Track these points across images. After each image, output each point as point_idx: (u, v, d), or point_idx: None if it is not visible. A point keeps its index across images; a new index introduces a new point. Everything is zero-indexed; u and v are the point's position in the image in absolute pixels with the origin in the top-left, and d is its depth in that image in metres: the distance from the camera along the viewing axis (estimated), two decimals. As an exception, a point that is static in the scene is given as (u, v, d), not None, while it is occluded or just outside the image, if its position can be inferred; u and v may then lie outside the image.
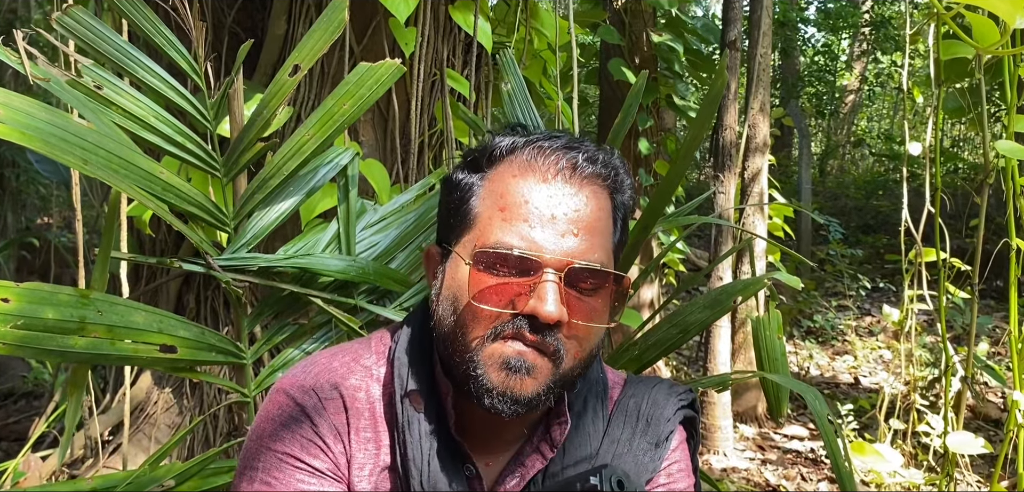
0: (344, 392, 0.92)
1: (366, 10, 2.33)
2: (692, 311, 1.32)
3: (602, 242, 0.88)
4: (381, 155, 2.46)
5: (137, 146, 1.19)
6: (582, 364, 0.89)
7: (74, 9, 1.19)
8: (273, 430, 0.90)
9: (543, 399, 0.86)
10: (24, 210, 7.96)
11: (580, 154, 0.89)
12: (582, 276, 0.85)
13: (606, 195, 0.91)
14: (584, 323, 0.86)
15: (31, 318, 1.00)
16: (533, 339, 0.85)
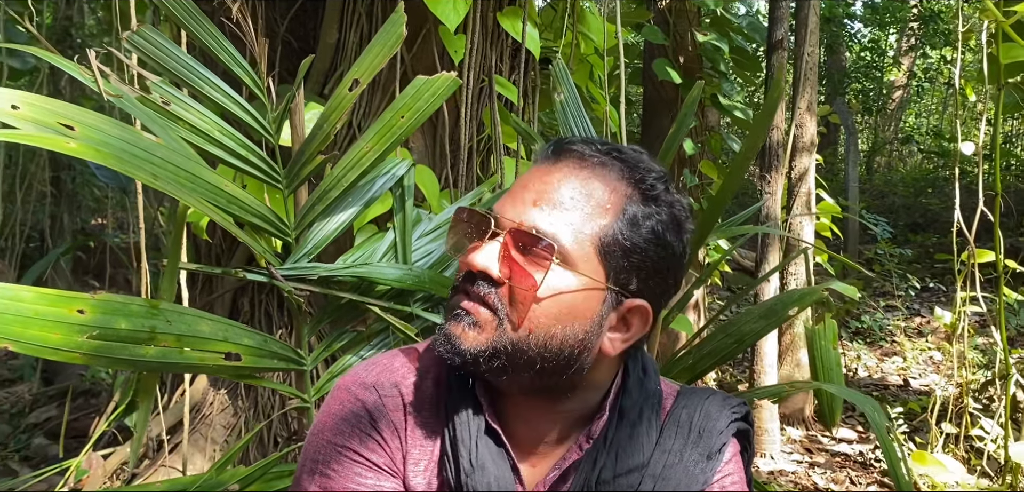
0: (403, 390, 0.96)
1: (416, 18, 2.36)
2: (746, 321, 1.32)
3: (570, 218, 0.88)
4: (431, 161, 2.49)
5: (202, 159, 1.23)
6: (536, 345, 0.88)
7: (143, 28, 1.23)
8: (334, 425, 0.94)
9: (483, 358, 0.88)
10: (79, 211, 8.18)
11: (581, 143, 0.93)
12: (522, 239, 0.87)
13: (600, 183, 0.91)
14: (519, 287, 0.87)
15: (105, 329, 1.04)
16: (472, 291, 0.88)
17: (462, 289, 0.90)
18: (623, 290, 0.90)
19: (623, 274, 0.90)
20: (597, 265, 0.89)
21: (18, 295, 0.97)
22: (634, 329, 0.93)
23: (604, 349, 0.92)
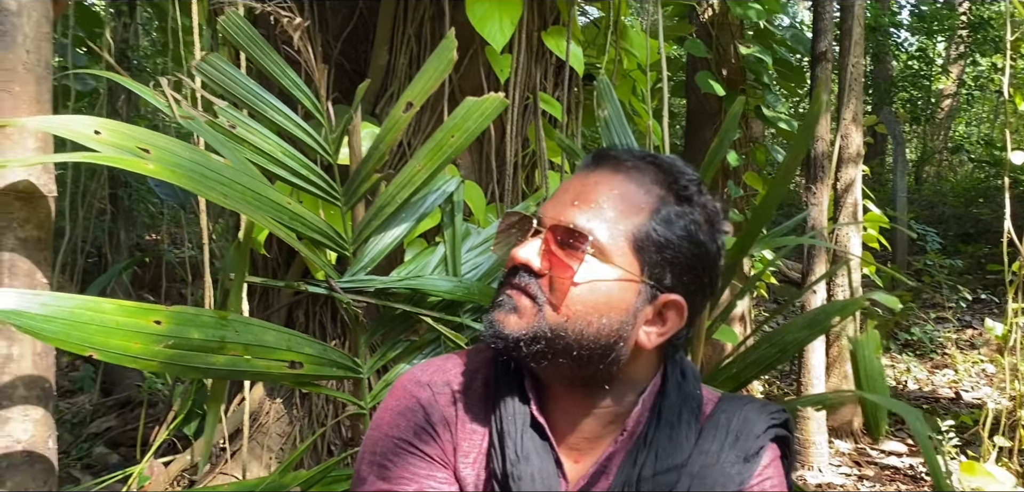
0: (454, 387, 1.03)
1: (463, 39, 2.41)
2: (790, 331, 1.35)
3: (602, 218, 0.95)
4: (477, 176, 2.55)
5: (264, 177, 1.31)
6: (573, 332, 0.94)
7: (210, 56, 1.31)
8: (391, 419, 1.01)
9: (524, 342, 0.94)
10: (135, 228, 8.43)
11: (622, 151, 1.01)
12: (561, 234, 0.94)
13: (636, 186, 0.97)
14: (558, 276, 0.94)
15: (180, 339, 1.11)
16: (514, 282, 0.96)
17: (506, 282, 0.98)
18: (658, 285, 0.96)
19: (657, 269, 0.96)
20: (632, 259, 0.95)
21: (100, 307, 1.05)
22: (670, 323, 0.98)
23: (640, 342, 0.97)
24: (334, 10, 2.61)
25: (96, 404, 4.97)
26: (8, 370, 1.04)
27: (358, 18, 2.58)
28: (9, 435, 1.05)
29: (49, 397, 1.09)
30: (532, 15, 2.53)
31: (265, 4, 1.27)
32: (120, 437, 4.62)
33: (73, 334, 1.00)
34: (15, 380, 1.04)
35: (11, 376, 1.04)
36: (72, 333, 1.00)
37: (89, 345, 1.02)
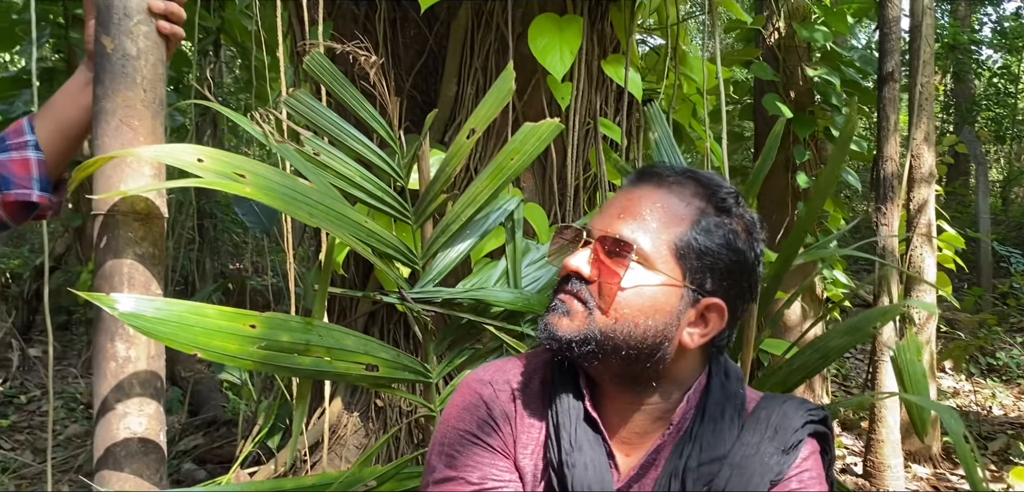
0: (513, 385, 1.14)
1: (526, 69, 2.56)
2: (832, 337, 1.42)
3: (646, 228, 1.05)
4: (540, 198, 2.67)
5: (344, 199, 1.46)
6: (623, 333, 1.04)
7: (297, 93, 1.47)
8: (457, 414, 1.13)
9: (575, 342, 1.04)
10: (220, 257, 8.84)
11: (664, 168, 1.10)
12: (608, 244, 1.04)
13: (677, 198, 1.07)
14: (607, 282, 1.04)
15: (271, 341, 1.26)
16: (567, 288, 1.06)
17: (559, 288, 1.08)
18: (699, 289, 1.05)
19: (698, 275, 1.05)
20: (674, 266, 1.04)
21: (204, 312, 1.20)
22: (712, 325, 1.07)
23: (684, 342, 1.06)
24: (406, 46, 2.78)
25: (184, 424, 5.25)
26: (126, 369, 1.20)
27: (428, 53, 2.75)
28: (128, 427, 1.20)
29: (160, 394, 1.24)
30: (592, 45, 2.65)
31: (345, 47, 1.42)
32: (206, 454, 4.87)
33: (181, 335, 1.16)
34: (132, 378, 1.20)
35: (129, 374, 1.20)
36: (181, 334, 1.15)
37: (195, 345, 1.17)
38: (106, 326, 1.18)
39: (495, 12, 2.58)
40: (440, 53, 2.72)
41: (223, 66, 9.02)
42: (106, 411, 1.18)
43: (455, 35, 2.61)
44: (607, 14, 2.69)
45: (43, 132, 1.30)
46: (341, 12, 2.79)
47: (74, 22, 6.31)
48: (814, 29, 5.00)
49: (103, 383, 1.18)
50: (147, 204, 1.20)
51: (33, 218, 1.34)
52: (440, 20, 2.70)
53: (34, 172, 1.29)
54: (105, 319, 1.17)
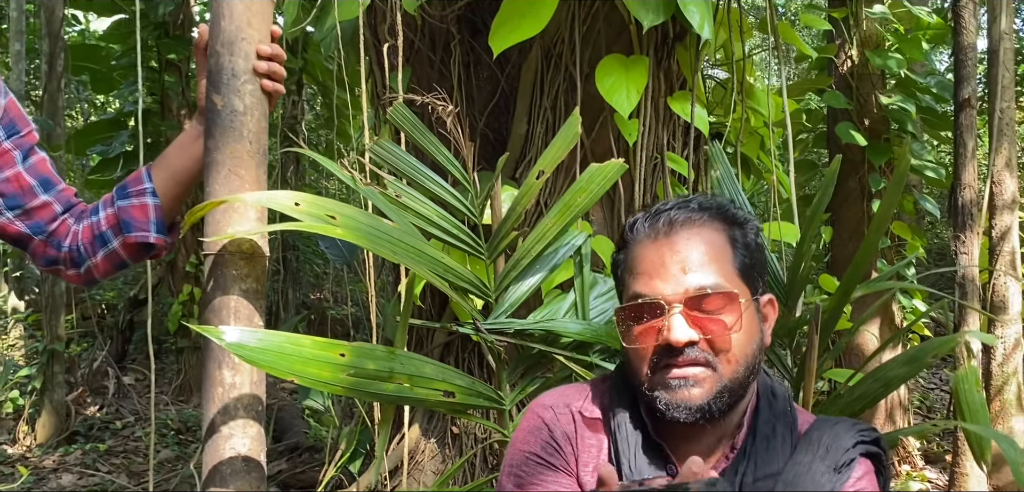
0: (574, 410, 1.23)
1: (594, 107, 2.66)
2: (892, 367, 1.46)
3: (715, 268, 1.12)
4: (608, 231, 2.76)
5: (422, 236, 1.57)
6: (743, 369, 1.12)
7: (381, 140, 1.60)
8: (523, 438, 1.23)
9: (713, 403, 1.10)
10: (300, 287, 9.16)
11: (678, 211, 1.16)
12: (698, 301, 1.10)
13: (713, 230, 1.16)
14: (719, 332, 1.10)
15: (358, 368, 1.37)
16: (682, 360, 1.10)
17: (666, 364, 1.11)
18: (758, 293, 1.17)
19: (756, 282, 1.17)
20: (743, 285, 1.14)
21: (299, 342, 1.32)
22: (771, 318, 1.19)
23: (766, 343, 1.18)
24: (479, 87, 2.91)
25: (268, 450, 5.46)
26: (232, 394, 1.33)
27: (500, 93, 2.88)
28: (233, 448, 1.33)
29: (261, 417, 1.37)
30: (658, 82, 2.73)
31: (425, 98, 1.55)
32: (290, 479, 5.06)
33: (280, 363, 1.28)
34: (237, 403, 1.33)
35: (234, 399, 1.33)
36: (279, 362, 1.28)
37: (292, 372, 1.29)
38: (214, 355, 1.31)
39: (564, 54, 2.69)
40: (511, 93, 2.85)
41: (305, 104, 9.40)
42: (214, 432, 1.32)
43: (525, 76, 2.73)
44: (673, 52, 2.78)
45: (159, 180, 1.46)
46: (419, 57, 2.95)
47: (167, 66, 6.69)
48: (888, 57, 4.96)
49: (211, 407, 1.32)
50: (251, 245, 1.34)
51: (150, 257, 1.50)
52: (511, 62, 2.83)
53: (152, 216, 1.45)
54: (213, 348, 1.31)
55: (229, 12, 1.38)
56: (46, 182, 1.45)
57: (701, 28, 2.32)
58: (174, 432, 6.10)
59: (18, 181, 1.42)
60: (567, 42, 2.67)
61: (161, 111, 6.65)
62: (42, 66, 6.00)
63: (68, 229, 1.45)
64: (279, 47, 1.42)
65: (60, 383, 5.95)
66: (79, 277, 1.46)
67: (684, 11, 2.32)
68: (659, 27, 2.59)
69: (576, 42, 2.65)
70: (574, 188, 1.59)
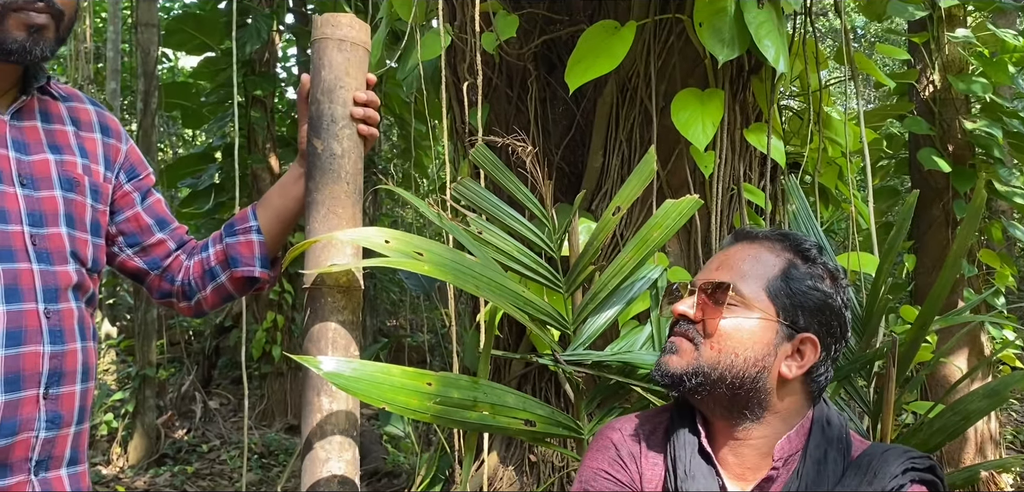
0: (639, 430, 1.34)
1: (669, 139, 2.70)
2: (972, 400, 1.45)
3: (741, 275, 1.23)
4: (685, 263, 2.78)
5: (502, 270, 1.64)
6: (726, 365, 1.21)
7: (465, 179, 1.68)
8: (593, 456, 1.34)
9: (686, 378, 1.22)
10: (378, 314, 9.37)
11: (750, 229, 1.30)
12: (709, 288, 1.23)
13: (768, 251, 1.25)
14: (710, 321, 1.22)
15: (444, 397, 1.44)
16: (676, 330, 1.27)
17: (669, 332, 1.29)
18: (793, 326, 1.22)
19: (790, 312, 1.22)
20: (768, 305, 1.22)
21: (390, 371, 1.40)
22: (807, 358, 1.23)
23: (783, 374, 1.22)
24: (556, 121, 2.98)
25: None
26: (328, 420, 1.41)
27: (576, 127, 2.94)
28: (329, 469, 1.41)
29: (355, 441, 1.45)
30: (734, 115, 2.76)
31: (506, 140, 1.63)
32: (372, 502, 5.18)
33: (372, 391, 1.36)
34: (334, 427, 1.41)
35: (331, 424, 1.42)
36: (372, 391, 1.36)
37: (383, 400, 1.37)
38: (313, 382, 1.41)
39: (639, 88, 2.74)
40: (587, 127, 2.91)
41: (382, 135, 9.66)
42: (311, 455, 1.41)
43: (601, 110, 2.79)
44: (749, 85, 2.80)
45: (263, 218, 1.57)
46: (497, 93, 3.04)
47: (253, 102, 6.99)
48: (972, 81, 4.85)
49: (309, 430, 1.41)
50: (348, 278, 1.43)
51: (254, 290, 1.61)
52: (587, 97, 2.89)
53: (257, 252, 1.56)
54: (312, 376, 1.40)
55: (329, 63, 1.48)
56: (162, 221, 1.58)
57: (776, 62, 2.35)
58: (258, 455, 6.31)
59: (137, 221, 1.55)
60: (642, 76, 2.73)
61: (248, 145, 6.93)
62: (137, 103, 6.34)
63: (181, 264, 1.57)
64: (374, 94, 1.52)
65: (151, 407, 6.23)
66: (190, 309, 1.58)
67: (759, 45, 2.34)
68: (734, 60, 2.62)
69: (651, 76, 2.69)
70: (650, 223, 1.64)
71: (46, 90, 1.44)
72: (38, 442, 1.31)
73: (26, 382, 1.29)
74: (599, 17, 2.79)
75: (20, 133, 1.37)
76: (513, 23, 2.66)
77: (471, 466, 1.67)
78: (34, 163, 1.37)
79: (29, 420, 1.29)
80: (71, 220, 1.39)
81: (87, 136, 1.48)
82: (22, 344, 1.28)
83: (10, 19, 1.27)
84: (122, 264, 1.55)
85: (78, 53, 8.45)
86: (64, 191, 1.39)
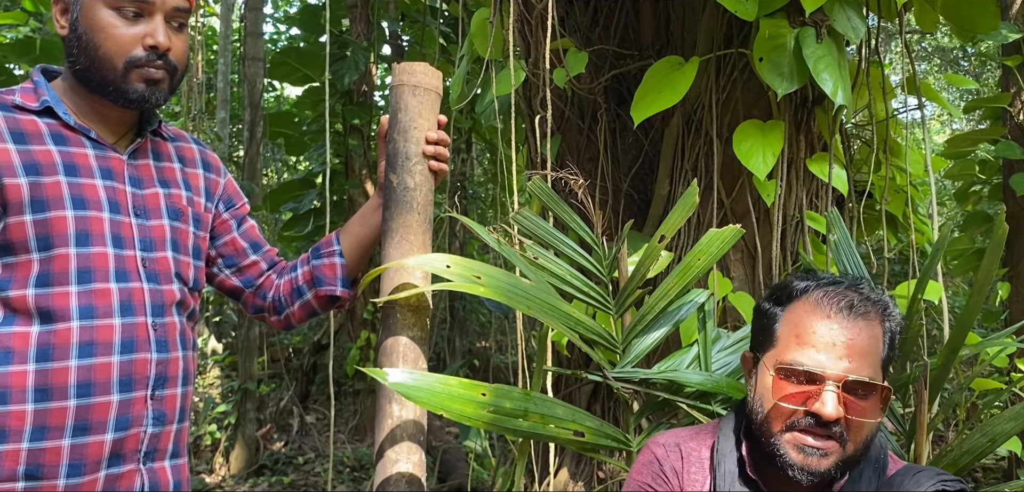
0: (682, 448, 1.43)
1: (733, 169, 2.80)
2: (1000, 422, 1.51)
3: (871, 361, 1.27)
4: (750, 288, 2.86)
5: (558, 294, 1.80)
6: (863, 447, 1.28)
7: (522, 210, 1.85)
8: (638, 469, 1.45)
9: (834, 472, 1.27)
10: (467, 335, 9.61)
11: (856, 296, 1.30)
12: (854, 387, 1.25)
13: (876, 324, 1.30)
14: (857, 419, 1.25)
15: (497, 406, 1.60)
16: (821, 432, 1.26)
17: (805, 429, 1.28)
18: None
19: (889, 373, 1.33)
20: (882, 378, 1.30)
21: (448, 382, 1.57)
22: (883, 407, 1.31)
23: None
24: (625, 151, 3.12)
25: (433, 489, 5.82)
26: (398, 425, 1.60)
27: (644, 156, 3.07)
28: (398, 469, 1.59)
29: (422, 445, 1.63)
30: (798, 144, 2.83)
31: (560, 174, 1.79)
32: (456, 515, 5.37)
33: (432, 399, 1.53)
34: (403, 432, 1.59)
35: (400, 429, 1.60)
36: (431, 399, 1.53)
37: (441, 407, 1.54)
38: (385, 391, 1.59)
39: (704, 119, 2.85)
40: (655, 157, 3.03)
41: (474, 160, 9.95)
42: (383, 456, 1.59)
43: (667, 141, 2.91)
44: (813, 115, 2.87)
45: (345, 243, 1.78)
46: (568, 125, 3.21)
47: (351, 131, 7.34)
48: (1066, 105, 4.73)
49: (382, 434, 1.60)
50: (418, 298, 1.62)
51: (336, 308, 1.81)
52: (654, 128, 3.02)
53: (339, 273, 1.76)
54: (384, 385, 1.59)
55: (404, 106, 1.68)
56: (255, 245, 1.80)
57: (834, 95, 2.42)
58: (349, 469, 6.59)
59: (233, 245, 1.78)
60: (707, 108, 2.83)
61: (346, 171, 7.28)
62: (244, 132, 6.78)
63: (272, 283, 1.80)
64: (445, 133, 1.71)
65: (251, 419, 6.60)
66: (279, 322, 1.80)
67: (817, 79, 2.43)
68: (797, 92, 2.71)
69: (715, 108, 2.80)
70: (694, 251, 1.77)
71: (157, 132, 1.68)
72: (146, 436, 1.54)
73: (137, 384, 1.52)
74: (667, 52, 2.93)
75: (136, 170, 1.61)
76: (582, 59, 2.82)
77: (523, 470, 1.82)
78: (147, 196, 1.61)
79: (139, 417, 1.52)
80: (176, 245, 1.62)
81: (191, 171, 1.72)
82: (134, 351, 1.51)
83: (133, 74, 1.52)
84: (221, 283, 1.79)
85: (191, 86, 9.08)
86: (171, 220, 1.62)
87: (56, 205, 1.46)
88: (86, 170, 1.52)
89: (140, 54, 1.50)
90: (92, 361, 1.46)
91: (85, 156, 1.53)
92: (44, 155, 1.48)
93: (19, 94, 1.53)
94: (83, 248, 1.48)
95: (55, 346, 1.44)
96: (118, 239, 1.53)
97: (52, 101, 1.53)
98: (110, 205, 1.53)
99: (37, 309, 1.44)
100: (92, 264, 1.48)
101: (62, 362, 1.44)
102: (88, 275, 1.48)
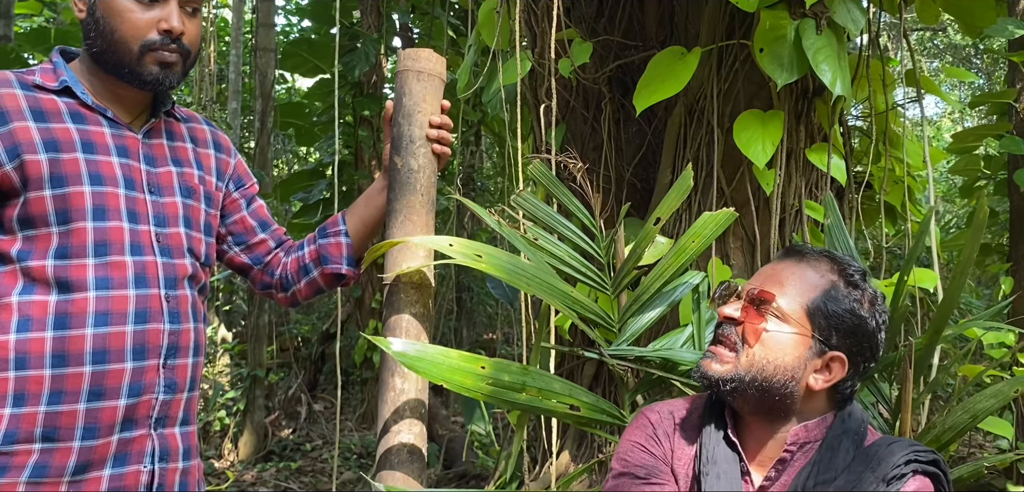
0: (674, 415, 1.50)
1: (734, 158, 2.85)
2: (980, 400, 1.57)
3: (785, 290, 1.36)
4: (748, 275, 2.91)
5: (557, 275, 1.86)
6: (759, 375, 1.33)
7: (524, 193, 1.91)
8: (631, 431, 1.51)
9: (724, 384, 1.35)
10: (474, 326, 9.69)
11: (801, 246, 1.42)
12: (754, 297, 1.36)
13: (815, 271, 1.37)
14: (749, 325, 1.34)
15: (496, 379, 1.66)
16: (719, 334, 1.39)
17: (714, 338, 1.41)
18: (825, 343, 1.35)
19: (825, 331, 1.34)
20: (805, 322, 1.35)
21: (448, 354, 1.63)
22: (834, 373, 1.35)
23: (810, 385, 1.35)
24: (628, 140, 3.18)
25: (438, 476, 5.89)
26: (400, 397, 1.66)
27: (647, 145, 3.13)
28: (400, 439, 1.66)
29: (424, 417, 1.69)
30: (797, 135, 2.88)
31: (559, 157, 1.85)
32: (460, 504, 5.43)
33: (433, 371, 1.59)
34: (404, 404, 1.66)
35: (402, 401, 1.66)
36: (432, 370, 1.59)
37: (442, 378, 1.60)
38: (388, 364, 1.66)
39: (705, 109, 2.90)
40: (657, 146, 3.09)
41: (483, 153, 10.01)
42: (386, 427, 1.65)
43: (670, 130, 2.97)
44: (813, 106, 2.92)
45: (350, 223, 1.84)
46: (573, 114, 3.26)
47: (361, 122, 7.41)
48: (1071, 99, 4.74)
49: (384, 406, 1.66)
50: (420, 276, 1.68)
51: (341, 284, 1.87)
52: (657, 117, 3.08)
53: (344, 252, 1.82)
54: (387, 358, 1.65)
55: (409, 90, 1.74)
56: (264, 223, 1.87)
57: (833, 85, 2.47)
58: (356, 456, 6.66)
59: (243, 223, 1.84)
60: (709, 98, 2.89)
61: (355, 162, 7.35)
62: (255, 122, 6.86)
63: (279, 261, 1.86)
64: (447, 118, 1.77)
65: (260, 406, 6.68)
66: (286, 299, 1.87)
67: (816, 70, 2.47)
68: (798, 82, 2.75)
69: (717, 98, 2.85)
70: (688, 233, 1.82)
71: (171, 113, 1.75)
72: (158, 403, 1.61)
73: (149, 353, 1.58)
74: (671, 42, 2.98)
75: (150, 149, 1.68)
76: (587, 50, 2.88)
77: (523, 440, 1.88)
78: (160, 174, 1.67)
79: (151, 384, 1.59)
80: (188, 222, 1.69)
81: (203, 151, 1.79)
82: (148, 322, 1.58)
83: (147, 57, 1.58)
84: (230, 260, 1.85)
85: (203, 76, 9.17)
86: (183, 198, 1.69)
87: (74, 181, 1.53)
88: (103, 148, 1.58)
89: (155, 38, 1.57)
90: (107, 330, 1.52)
91: (102, 134, 1.60)
92: (63, 132, 1.54)
93: (39, 74, 1.60)
94: (100, 222, 1.54)
95: (72, 315, 1.51)
96: (133, 214, 1.60)
97: (70, 81, 1.59)
98: (125, 182, 1.60)
99: (56, 279, 1.51)
100: (108, 237, 1.55)
101: (79, 330, 1.50)
102: (104, 248, 1.54)
